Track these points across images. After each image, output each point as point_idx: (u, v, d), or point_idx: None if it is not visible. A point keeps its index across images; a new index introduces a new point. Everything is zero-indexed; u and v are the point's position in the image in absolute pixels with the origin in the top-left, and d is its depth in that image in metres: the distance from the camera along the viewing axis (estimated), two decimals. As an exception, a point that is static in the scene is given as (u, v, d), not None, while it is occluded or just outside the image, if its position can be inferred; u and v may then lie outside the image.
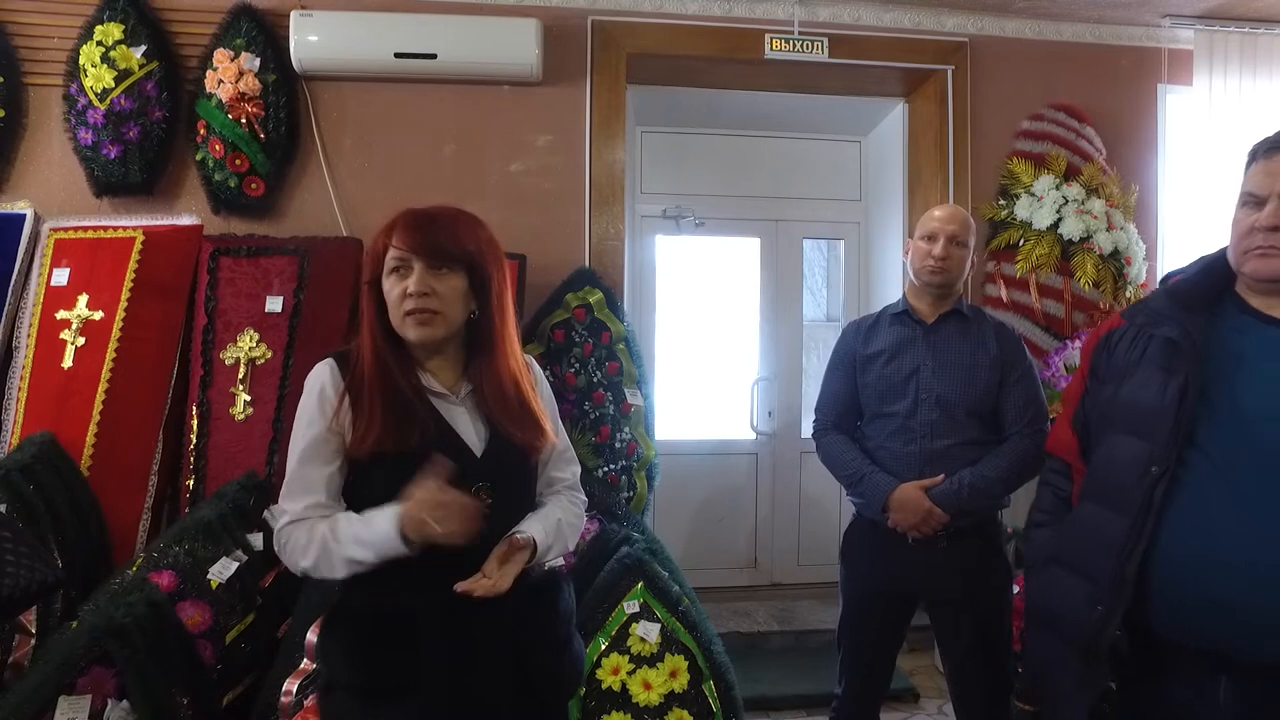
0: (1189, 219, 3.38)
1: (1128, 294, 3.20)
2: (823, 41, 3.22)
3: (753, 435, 4.08)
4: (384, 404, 1.28)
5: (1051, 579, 1.46)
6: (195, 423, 2.60)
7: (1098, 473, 1.42)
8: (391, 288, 1.31)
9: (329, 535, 1.25)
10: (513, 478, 1.38)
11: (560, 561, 1.50)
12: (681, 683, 1.99)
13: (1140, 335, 1.40)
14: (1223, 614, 1.21)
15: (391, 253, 1.31)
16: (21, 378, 2.56)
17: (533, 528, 1.34)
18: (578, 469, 1.53)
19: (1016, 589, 2.16)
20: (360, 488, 1.31)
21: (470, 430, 1.34)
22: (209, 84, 2.80)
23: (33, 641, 2.03)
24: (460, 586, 1.22)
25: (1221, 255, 1.38)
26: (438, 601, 1.24)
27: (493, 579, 1.24)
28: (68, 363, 2.53)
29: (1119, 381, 1.40)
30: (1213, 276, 1.38)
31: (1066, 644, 1.38)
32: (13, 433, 2.50)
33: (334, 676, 1.32)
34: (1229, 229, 1.36)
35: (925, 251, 2.02)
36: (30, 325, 2.60)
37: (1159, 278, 3.35)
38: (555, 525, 1.39)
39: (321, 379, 1.32)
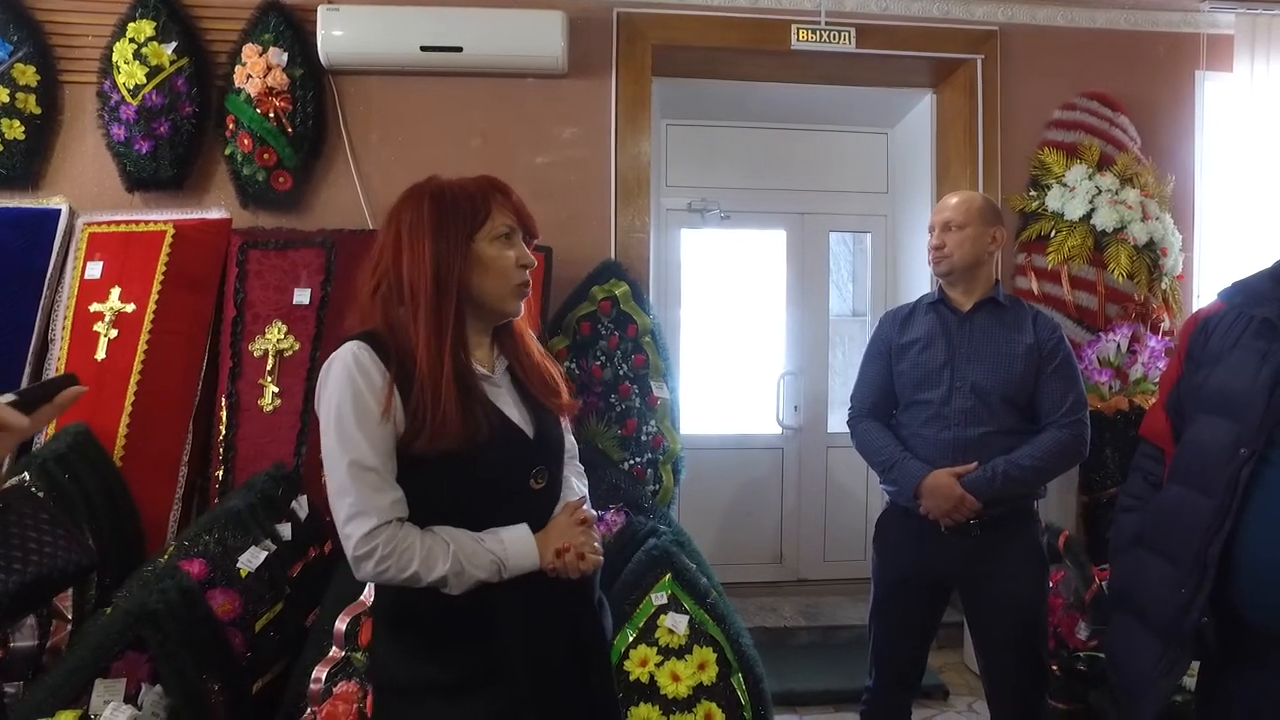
0: (1228, 209, 3.30)
1: (1163, 285, 3.14)
2: (850, 32, 3.18)
3: (778, 430, 4.05)
4: (461, 400, 1.18)
5: (1135, 561, 1.43)
6: (224, 414, 2.63)
7: (1184, 454, 1.40)
8: (499, 254, 1.25)
9: (461, 557, 1.18)
10: (556, 454, 1.36)
11: None
12: (710, 675, 1.97)
13: (1239, 319, 1.37)
14: None
15: (502, 218, 1.26)
16: (57, 369, 2.59)
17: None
18: (574, 440, 1.50)
19: (1051, 584, 2.12)
20: (417, 486, 1.21)
21: (516, 413, 1.29)
22: (238, 79, 2.83)
23: (69, 626, 2.06)
24: (578, 569, 1.25)
25: None
26: (514, 588, 1.22)
27: (581, 554, 1.25)
28: (101, 354, 2.57)
29: (1213, 365, 1.38)
30: None
31: (1149, 628, 1.35)
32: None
33: (410, 679, 1.24)
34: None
35: (928, 245, 2.10)
36: (65, 318, 2.65)
37: (1196, 269, 3.33)
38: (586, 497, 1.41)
39: (363, 364, 1.18)
